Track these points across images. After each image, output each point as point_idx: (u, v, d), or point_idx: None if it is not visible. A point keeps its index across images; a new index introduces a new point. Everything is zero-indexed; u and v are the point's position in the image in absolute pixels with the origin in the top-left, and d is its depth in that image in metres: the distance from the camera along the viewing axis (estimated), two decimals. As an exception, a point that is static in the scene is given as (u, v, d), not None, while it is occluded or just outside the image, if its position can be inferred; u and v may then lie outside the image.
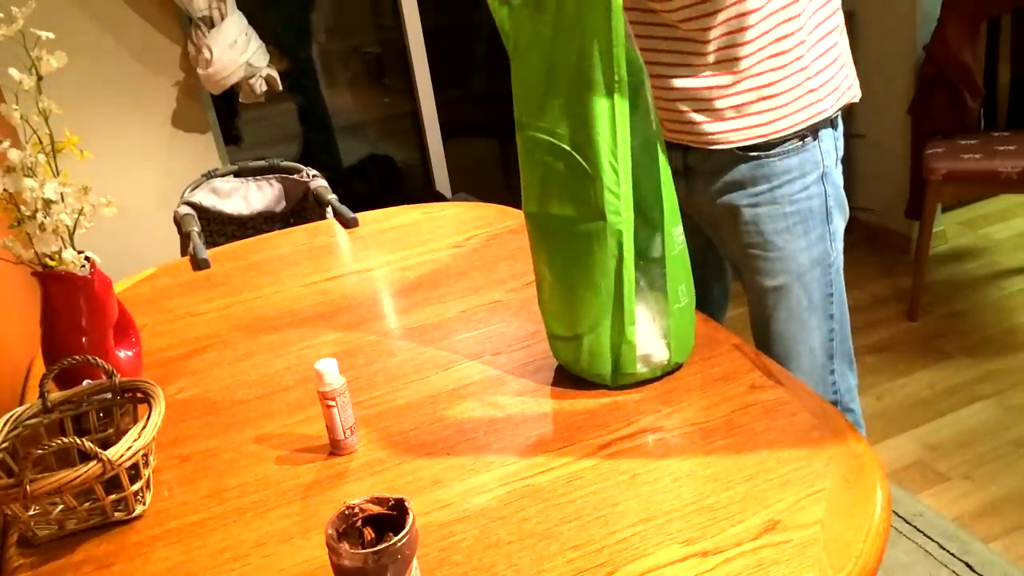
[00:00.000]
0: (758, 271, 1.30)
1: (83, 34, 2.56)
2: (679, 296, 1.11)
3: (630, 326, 1.07)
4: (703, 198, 1.31)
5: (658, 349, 1.10)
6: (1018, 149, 2.54)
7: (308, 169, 2.39)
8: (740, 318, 2.83)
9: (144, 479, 1.00)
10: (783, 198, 1.25)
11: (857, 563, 0.80)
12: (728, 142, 1.23)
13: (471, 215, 1.79)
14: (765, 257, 1.29)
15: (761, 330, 1.36)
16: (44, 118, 1.09)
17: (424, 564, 0.86)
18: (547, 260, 1.12)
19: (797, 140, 1.24)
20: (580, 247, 1.06)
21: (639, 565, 0.83)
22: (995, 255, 3.04)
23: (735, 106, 1.21)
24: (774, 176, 1.24)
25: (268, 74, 2.73)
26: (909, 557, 1.85)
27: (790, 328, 1.32)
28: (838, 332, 1.34)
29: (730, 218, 1.29)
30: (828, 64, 1.22)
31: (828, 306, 1.32)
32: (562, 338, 1.13)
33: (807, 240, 1.27)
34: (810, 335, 1.32)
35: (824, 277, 1.30)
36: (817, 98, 1.22)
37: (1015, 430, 2.18)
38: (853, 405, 1.41)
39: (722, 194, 1.28)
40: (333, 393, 1.03)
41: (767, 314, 1.33)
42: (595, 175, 1.03)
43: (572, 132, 1.03)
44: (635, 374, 1.10)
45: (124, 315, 1.27)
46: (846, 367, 1.38)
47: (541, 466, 0.99)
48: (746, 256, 1.31)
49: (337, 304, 1.47)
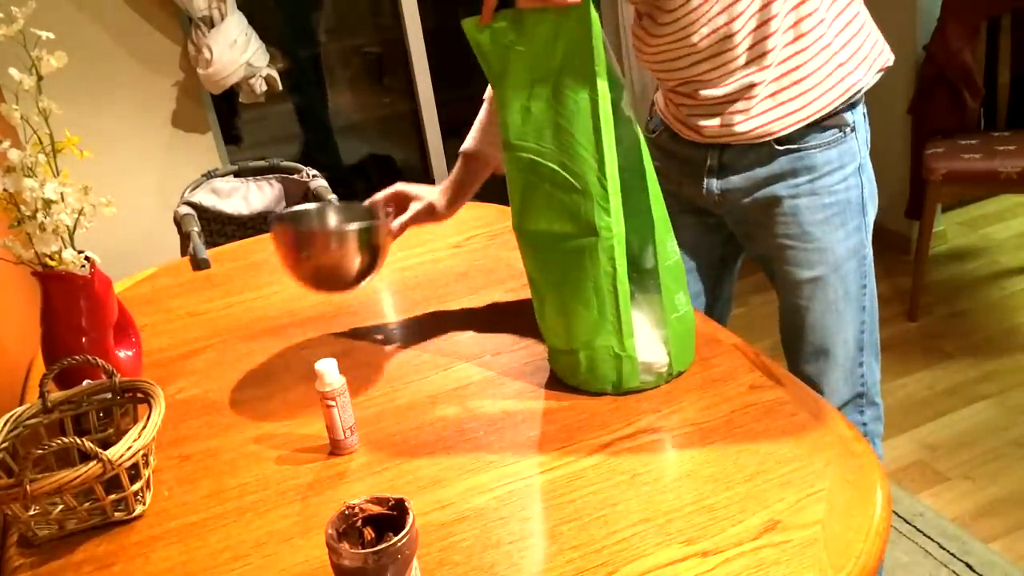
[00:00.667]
0: (795, 262, 1.30)
1: (83, 34, 2.56)
2: (676, 306, 1.11)
3: (628, 339, 1.07)
4: (739, 193, 1.31)
5: (659, 357, 1.09)
6: (1018, 149, 2.54)
7: (308, 169, 2.40)
8: (740, 318, 2.84)
9: (144, 479, 1.00)
10: (822, 189, 1.25)
11: (857, 563, 0.80)
12: (770, 134, 1.23)
13: (471, 215, 1.79)
14: (803, 248, 1.29)
15: (794, 323, 1.35)
16: (44, 118, 1.09)
17: (424, 564, 0.86)
18: (541, 277, 1.13)
19: (838, 131, 1.24)
20: (573, 263, 1.07)
21: (639, 565, 0.83)
22: (995, 255, 3.04)
23: (770, 95, 1.21)
24: (815, 168, 1.24)
25: (268, 74, 2.73)
26: (909, 557, 1.85)
27: (827, 319, 1.32)
28: (868, 324, 1.35)
29: (768, 210, 1.29)
30: (852, 36, 1.22)
31: (862, 298, 1.33)
32: (561, 351, 1.13)
33: (844, 231, 1.28)
34: (845, 326, 1.33)
35: (859, 268, 1.31)
36: (848, 71, 1.21)
37: (1015, 430, 2.18)
38: (878, 399, 1.41)
39: (761, 187, 1.28)
40: (333, 393, 1.03)
41: (802, 306, 1.32)
42: (584, 191, 1.04)
43: (558, 150, 1.04)
44: (638, 386, 1.10)
45: (124, 315, 1.27)
46: (873, 359, 1.38)
47: (541, 466, 0.99)
48: (782, 248, 1.31)
49: (337, 304, 1.47)
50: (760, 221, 1.31)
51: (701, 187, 1.33)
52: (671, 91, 1.31)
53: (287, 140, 3.31)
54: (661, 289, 1.09)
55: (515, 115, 1.06)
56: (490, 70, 1.08)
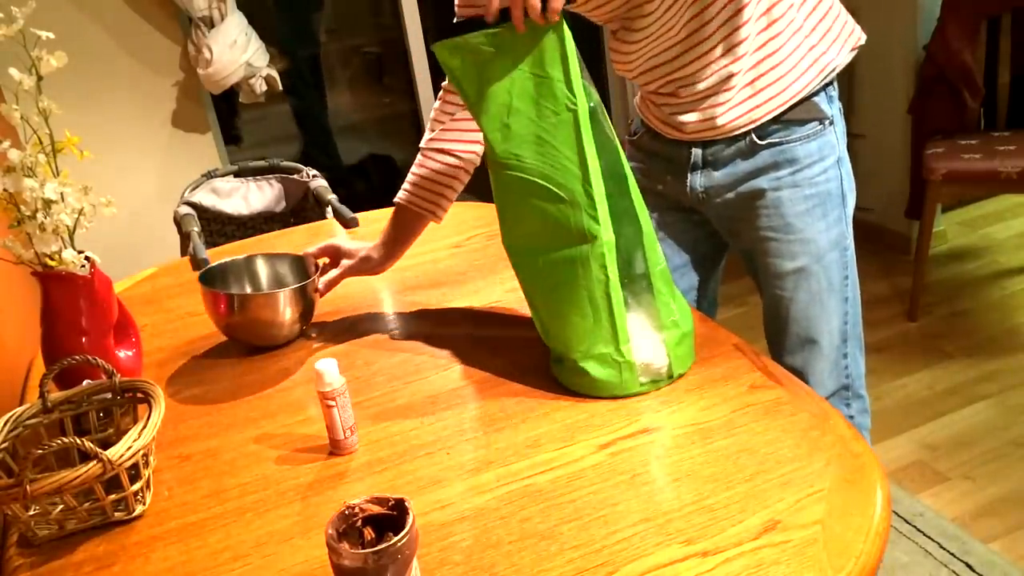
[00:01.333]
0: (778, 254, 1.32)
1: (83, 34, 2.57)
2: (672, 310, 1.12)
3: (625, 344, 1.08)
4: (722, 188, 1.32)
5: (659, 361, 1.10)
6: (1018, 149, 2.54)
7: (308, 169, 2.40)
8: (740, 318, 2.83)
9: (144, 479, 1.00)
10: (804, 181, 1.27)
11: (857, 563, 0.80)
12: (751, 122, 1.25)
13: (471, 215, 1.79)
14: (786, 240, 1.30)
15: (778, 315, 1.37)
16: (44, 118, 1.09)
17: (424, 564, 0.86)
18: (534, 289, 1.14)
19: (818, 124, 1.26)
20: (565, 273, 1.08)
21: (639, 565, 0.83)
22: (995, 255, 3.04)
23: (748, 83, 1.22)
24: (797, 160, 1.26)
25: (268, 74, 2.73)
26: (909, 557, 1.85)
27: (811, 310, 1.33)
28: (852, 316, 1.36)
29: (750, 203, 1.31)
30: (821, 18, 1.24)
31: (844, 288, 1.34)
32: (560, 361, 1.14)
33: (825, 222, 1.30)
34: (830, 317, 1.34)
35: (841, 259, 1.33)
36: (821, 51, 1.23)
37: (1015, 430, 2.18)
38: (863, 392, 1.43)
39: (743, 181, 1.30)
40: (333, 393, 1.03)
41: (786, 297, 1.34)
42: (571, 200, 1.05)
43: (541, 163, 1.06)
44: (639, 391, 1.10)
45: (124, 315, 1.27)
46: (857, 351, 1.39)
47: (541, 466, 0.99)
48: (764, 240, 1.32)
49: (337, 304, 1.47)
50: (743, 216, 1.33)
51: (685, 184, 1.34)
52: (652, 93, 1.32)
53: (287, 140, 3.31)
54: (654, 293, 1.10)
55: (495, 133, 1.08)
56: (464, 93, 1.10)
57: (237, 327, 1.32)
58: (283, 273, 1.42)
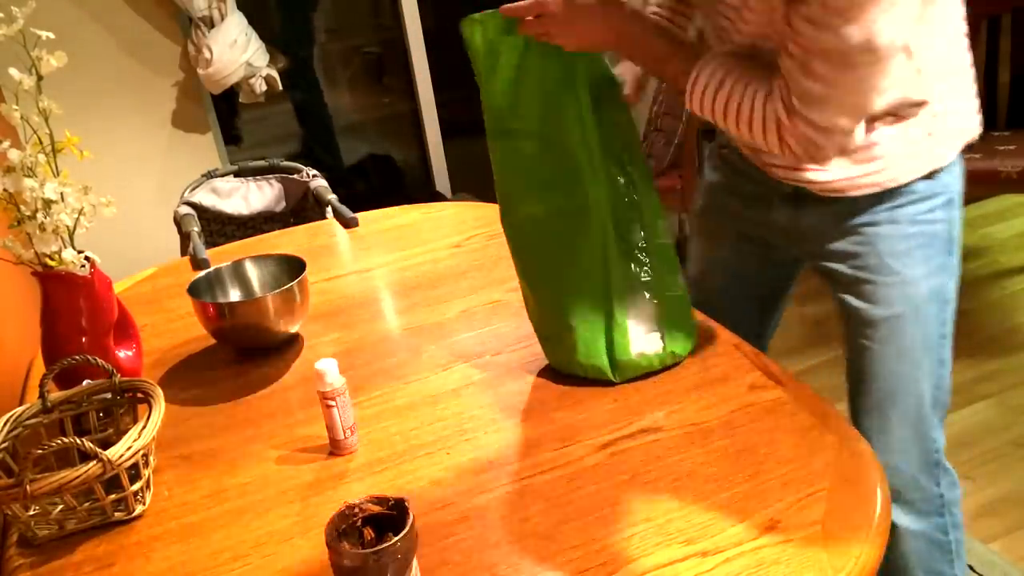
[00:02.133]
0: (868, 297, 1.16)
1: (83, 34, 2.56)
2: (668, 284, 1.13)
3: (620, 312, 1.10)
4: (812, 219, 1.19)
5: (653, 336, 1.11)
6: (1018, 149, 2.54)
7: (308, 169, 2.39)
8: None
9: (144, 479, 1.00)
10: (904, 218, 1.12)
11: (857, 563, 0.80)
12: (842, 192, 1.12)
13: (471, 215, 1.79)
14: (880, 282, 1.15)
15: (861, 367, 1.20)
16: (44, 118, 1.09)
17: (424, 564, 0.85)
18: (533, 261, 1.15)
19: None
20: (563, 239, 1.11)
21: (639, 565, 0.83)
22: (996, 255, 3.04)
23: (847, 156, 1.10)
24: (898, 195, 1.12)
25: (268, 74, 2.73)
26: (909, 557, 1.84)
27: (901, 366, 1.16)
28: (944, 381, 1.20)
29: (841, 237, 1.17)
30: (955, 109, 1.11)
31: (941, 349, 1.17)
32: (555, 336, 1.14)
33: (927, 268, 1.13)
34: (921, 378, 1.17)
35: (940, 314, 1.16)
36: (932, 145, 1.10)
37: (1015, 430, 2.18)
38: (947, 463, 1.26)
39: (839, 215, 1.16)
40: (333, 393, 1.03)
41: (872, 348, 1.17)
42: (572, 164, 1.08)
43: (543, 124, 1.09)
44: (633, 362, 1.10)
45: (124, 315, 1.27)
46: (939, 421, 1.23)
47: (541, 466, 0.99)
48: (855, 281, 1.17)
49: (337, 304, 1.47)
50: (836, 248, 1.18)
51: (768, 214, 1.23)
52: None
53: (287, 140, 3.31)
54: (653, 267, 1.12)
55: (498, 99, 1.10)
56: (479, 65, 1.11)
57: (229, 333, 1.31)
58: (277, 274, 1.41)
